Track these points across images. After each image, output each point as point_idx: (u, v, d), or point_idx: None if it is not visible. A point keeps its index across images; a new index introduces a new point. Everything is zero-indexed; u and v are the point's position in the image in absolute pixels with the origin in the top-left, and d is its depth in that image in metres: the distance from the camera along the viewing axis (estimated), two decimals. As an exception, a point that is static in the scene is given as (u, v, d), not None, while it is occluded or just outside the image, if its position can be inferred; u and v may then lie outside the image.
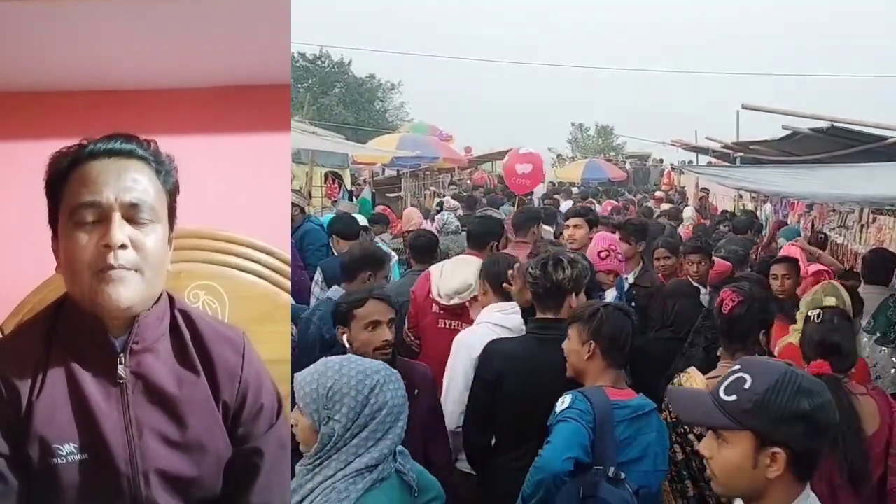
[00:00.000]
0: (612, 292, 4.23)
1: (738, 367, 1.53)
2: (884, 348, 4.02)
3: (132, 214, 1.83)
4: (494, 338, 3.02)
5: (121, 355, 1.84)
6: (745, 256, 6.08)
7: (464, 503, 2.90)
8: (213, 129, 2.73)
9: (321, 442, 1.80)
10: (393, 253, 5.45)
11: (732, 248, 6.31)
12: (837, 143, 5.59)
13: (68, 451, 1.78)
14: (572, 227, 4.88)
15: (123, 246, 1.78)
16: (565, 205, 11.26)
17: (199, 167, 2.18)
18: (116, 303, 1.79)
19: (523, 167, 9.54)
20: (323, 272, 4.74)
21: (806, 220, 9.12)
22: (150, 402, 1.87)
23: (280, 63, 2.64)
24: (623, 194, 18.33)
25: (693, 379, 2.64)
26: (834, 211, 8.19)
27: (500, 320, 3.16)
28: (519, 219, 4.92)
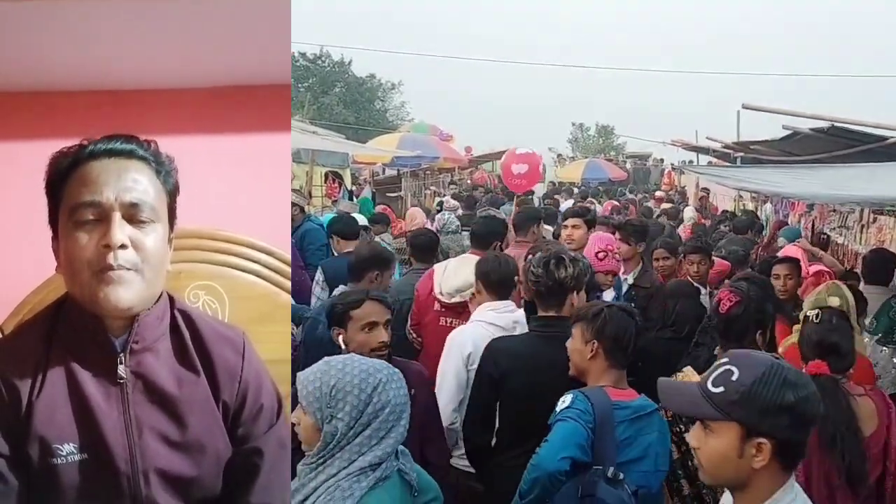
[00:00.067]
0: (611, 293, 4.23)
1: (725, 359, 1.56)
2: (885, 348, 4.02)
3: (132, 214, 1.83)
4: (486, 336, 3.04)
5: (121, 355, 1.84)
6: (745, 256, 6.09)
7: (461, 502, 2.90)
8: (213, 129, 2.73)
9: (324, 440, 1.80)
10: (393, 253, 5.46)
11: (733, 248, 6.32)
12: (838, 144, 5.59)
13: (68, 450, 1.78)
14: (571, 227, 4.87)
15: (123, 246, 1.79)
16: (566, 205, 11.24)
17: (199, 167, 2.18)
18: (116, 304, 1.79)
19: (519, 167, 9.53)
20: (324, 272, 4.74)
21: (806, 221, 9.11)
22: (150, 402, 1.87)
23: (280, 63, 2.64)
24: (624, 194, 18.33)
25: (689, 378, 2.64)
26: (834, 211, 8.18)
27: (493, 319, 3.19)
28: (519, 218, 4.94)
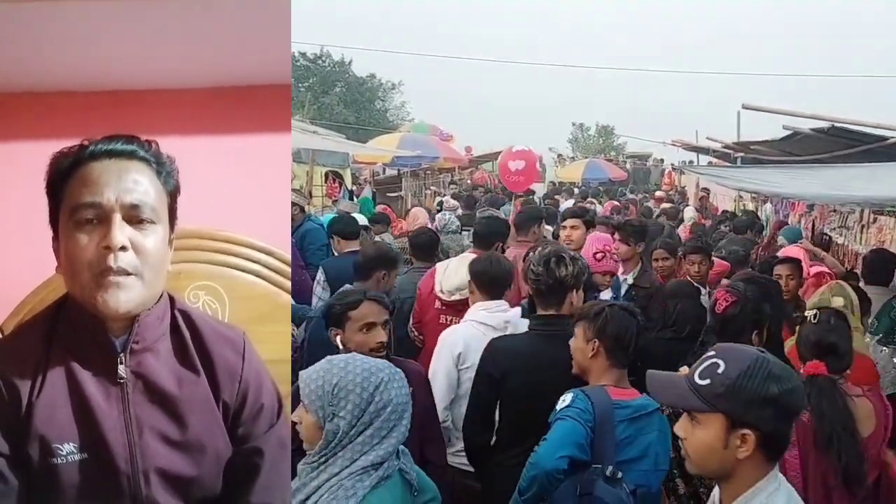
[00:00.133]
0: (608, 293, 4.23)
1: (712, 352, 1.60)
2: (885, 348, 4.02)
3: (133, 216, 1.83)
4: (478, 335, 3.07)
5: (121, 355, 1.84)
6: (745, 257, 6.09)
7: (459, 501, 2.90)
8: (213, 129, 2.73)
9: (325, 439, 1.80)
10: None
11: (733, 248, 6.32)
12: (838, 144, 5.59)
13: (68, 450, 1.78)
14: (570, 227, 4.88)
15: (124, 248, 1.79)
16: (566, 205, 11.25)
17: (199, 167, 2.18)
18: (115, 308, 1.79)
19: (516, 164, 9.56)
20: (325, 272, 4.75)
21: (806, 221, 9.10)
22: (151, 402, 1.87)
23: (280, 63, 2.64)
24: (624, 194, 18.32)
25: None
26: (835, 211, 8.18)
27: (484, 318, 3.21)
28: (521, 218, 4.96)
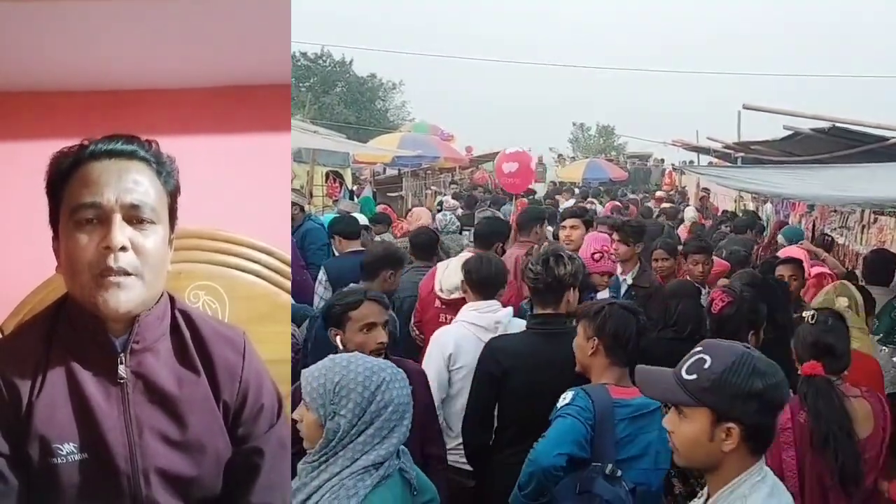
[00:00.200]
0: (605, 294, 4.22)
1: (699, 348, 1.64)
2: (884, 348, 4.02)
3: (133, 216, 1.83)
4: (468, 336, 3.10)
5: (121, 355, 1.84)
6: (746, 257, 6.09)
7: (457, 500, 2.91)
8: (213, 129, 2.73)
9: (326, 437, 1.80)
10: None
11: (734, 248, 6.32)
12: (839, 144, 5.59)
13: (68, 450, 1.78)
14: (569, 227, 4.88)
15: (124, 248, 1.79)
16: (566, 205, 11.26)
17: (199, 167, 2.18)
18: (115, 309, 1.79)
19: (509, 166, 9.56)
20: (327, 272, 4.76)
21: (807, 221, 9.11)
22: (151, 402, 1.87)
23: (280, 63, 2.64)
24: (625, 195, 18.31)
25: None
26: (835, 211, 8.18)
27: (474, 319, 3.22)
28: (523, 218, 4.97)
